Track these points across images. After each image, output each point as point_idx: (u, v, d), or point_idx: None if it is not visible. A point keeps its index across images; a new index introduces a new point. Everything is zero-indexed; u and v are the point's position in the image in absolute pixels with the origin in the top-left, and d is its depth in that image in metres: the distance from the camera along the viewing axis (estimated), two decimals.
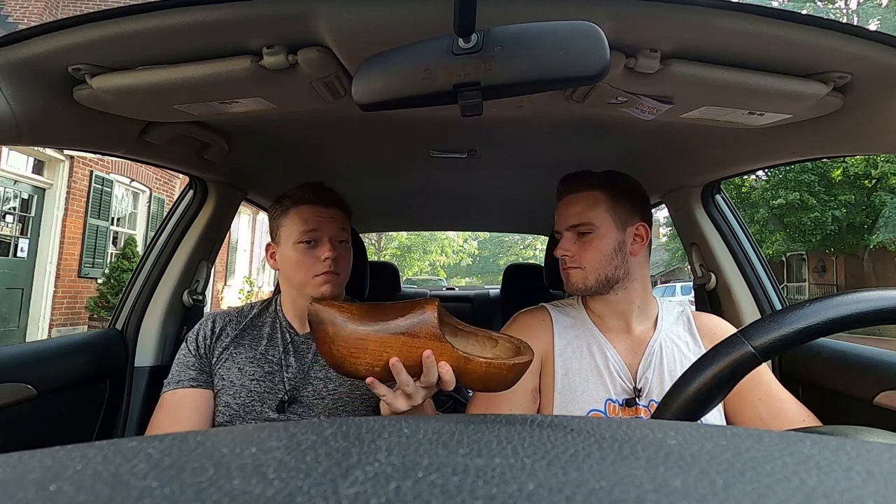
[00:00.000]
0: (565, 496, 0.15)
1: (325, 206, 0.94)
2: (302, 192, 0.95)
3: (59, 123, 0.75)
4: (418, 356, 0.64)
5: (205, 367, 0.93)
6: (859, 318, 0.39)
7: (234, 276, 10.80)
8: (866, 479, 0.17)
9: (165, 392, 0.91)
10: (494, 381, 0.66)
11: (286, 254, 0.93)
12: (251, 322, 0.98)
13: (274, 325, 0.98)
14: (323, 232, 0.92)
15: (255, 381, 0.90)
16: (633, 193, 0.89)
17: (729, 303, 1.26)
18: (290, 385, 0.90)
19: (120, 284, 6.10)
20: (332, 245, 0.92)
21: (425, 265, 19.46)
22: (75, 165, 6.30)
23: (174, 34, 0.61)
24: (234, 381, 0.90)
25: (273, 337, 0.96)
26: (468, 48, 0.43)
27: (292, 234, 0.92)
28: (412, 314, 0.66)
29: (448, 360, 0.64)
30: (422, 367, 0.64)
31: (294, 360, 0.93)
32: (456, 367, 0.64)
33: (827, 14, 13.33)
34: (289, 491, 0.15)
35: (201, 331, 0.96)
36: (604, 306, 0.89)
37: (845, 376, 0.94)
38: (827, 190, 12.57)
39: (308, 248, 0.92)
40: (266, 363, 0.92)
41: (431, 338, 0.64)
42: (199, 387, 0.91)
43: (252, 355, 0.93)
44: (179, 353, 0.95)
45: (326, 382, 0.92)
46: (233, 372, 0.91)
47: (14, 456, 0.18)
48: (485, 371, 0.65)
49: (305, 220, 0.92)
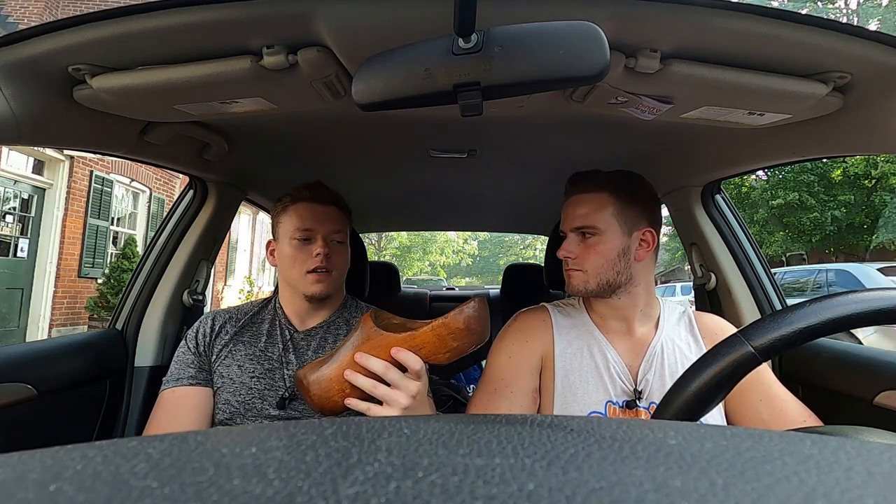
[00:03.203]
0: (565, 496, 0.15)
1: (321, 203, 0.96)
2: (300, 189, 0.97)
3: (59, 123, 0.75)
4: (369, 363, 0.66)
5: (204, 365, 0.93)
6: (859, 318, 0.39)
7: (234, 276, 10.80)
8: (866, 479, 0.17)
9: (164, 390, 0.91)
10: (450, 339, 0.66)
11: (283, 249, 0.96)
12: (250, 319, 0.99)
13: (273, 323, 0.98)
14: (317, 229, 0.94)
15: (255, 378, 0.90)
16: (642, 198, 0.86)
17: (729, 303, 1.26)
18: (291, 382, 0.90)
19: (120, 284, 6.10)
20: (326, 242, 0.94)
21: (425, 265, 19.46)
22: (75, 165, 6.30)
23: (174, 34, 0.61)
24: (234, 378, 0.90)
25: (272, 334, 0.97)
26: (468, 48, 0.43)
27: (289, 231, 0.95)
28: (352, 334, 0.71)
29: (396, 344, 0.66)
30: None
31: (294, 357, 0.94)
32: (407, 347, 0.66)
33: (827, 14, 13.33)
34: (289, 491, 0.15)
35: (200, 328, 0.96)
36: (606, 308, 0.88)
37: (845, 376, 0.94)
38: (827, 190, 12.58)
39: (302, 244, 0.94)
40: (266, 360, 0.93)
41: (370, 338, 0.68)
42: (199, 385, 0.91)
43: (252, 352, 0.93)
44: (179, 350, 0.95)
45: None
46: (232, 369, 0.91)
47: (14, 456, 0.18)
48: (435, 335, 0.66)
49: (301, 217, 0.94)
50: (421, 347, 0.66)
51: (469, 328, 0.66)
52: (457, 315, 0.66)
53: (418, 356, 0.66)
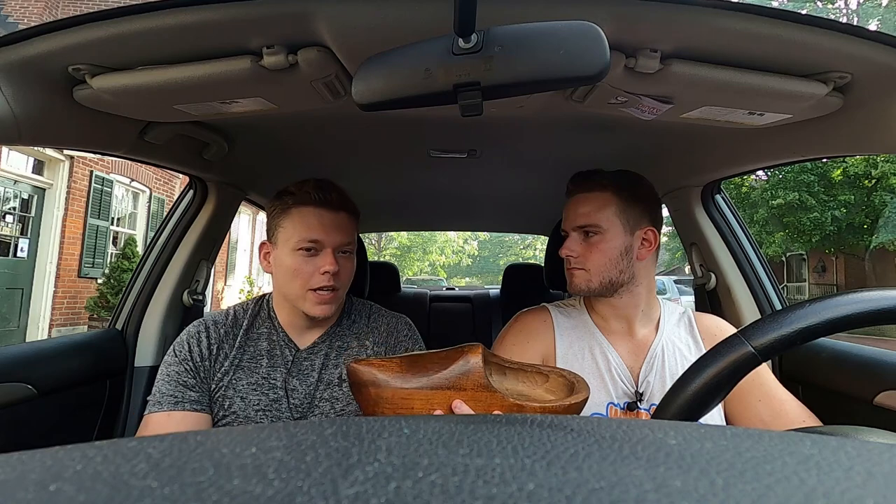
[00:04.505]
0: (565, 496, 0.15)
1: (331, 209, 0.84)
2: (307, 190, 0.84)
3: (59, 123, 0.75)
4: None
5: (205, 389, 0.84)
6: (859, 318, 0.39)
7: (235, 276, 10.80)
8: (866, 479, 0.17)
9: (157, 412, 0.80)
10: None
11: (282, 259, 0.84)
12: (246, 335, 0.89)
13: (271, 339, 0.89)
14: (327, 241, 0.82)
15: (260, 411, 0.83)
16: (644, 197, 0.87)
17: (729, 303, 1.26)
18: (298, 412, 0.84)
19: (120, 284, 6.10)
20: (335, 257, 0.83)
21: (425, 265, 19.46)
22: (75, 165, 6.30)
23: (174, 34, 0.61)
24: (238, 412, 0.82)
25: (273, 354, 0.87)
26: (468, 48, 0.43)
27: (291, 238, 0.83)
28: (455, 364, 0.61)
29: (499, 409, 0.59)
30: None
31: (298, 382, 0.86)
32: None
33: (827, 14, 13.32)
34: (289, 491, 0.15)
35: (195, 348, 0.85)
36: (607, 308, 0.88)
37: (845, 376, 0.94)
38: (827, 190, 12.57)
39: (307, 256, 0.82)
40: (270, 389, 0.84)
41: (478, 388, 0.60)
42: (203, 411, 0.82)
43: (254, 381, 0.84)
44: (168, 368, 0.84)
45: (333, 403, 0.86)
46: (235, 403, 0.83)
47: (14, 456, 0.18)
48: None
49: (308, 226, 0.82)
50: None
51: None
52: (570, 405, 0.62)
53: None
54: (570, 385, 0.67)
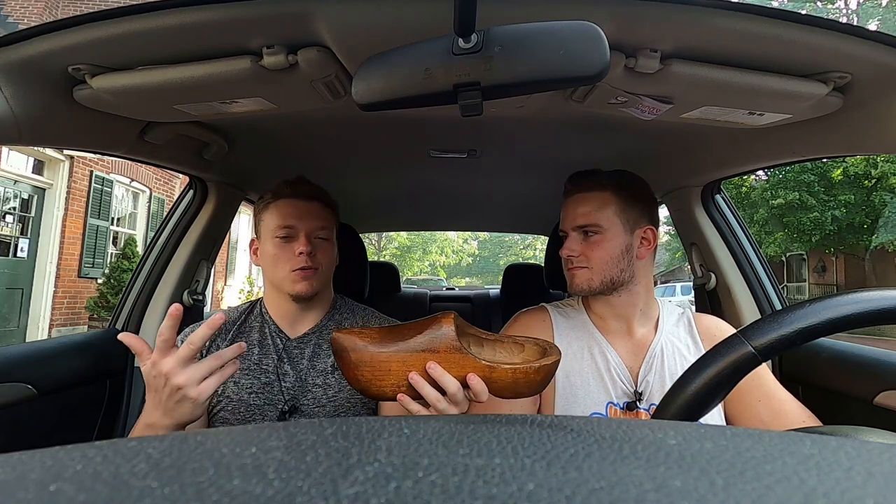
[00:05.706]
0: (565, 496, 0.15)
1: (303, 199, 0.93)
2: (281, 186, 0.94)
3: (59, 123, 0.75)
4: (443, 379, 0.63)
5: None
6: (859, 318, 0.39)
7: (235, 276, 10.80)
8: (866, 479, 0.17)
9: None
10: (523, 385, 0.65)
11: (265, 248, 0.92)
12: (238, 330, 0.94)
13: (263, 331, 0.94)
14: (300, 226, 0.91)
15: (252, 394, 0.87)
16: (642, 196, 0.88)
17: (729, 303, 1.26)
18: (290, 395, 0.88)
19: (120, 284, 6.11)
20: (309, 240, 0.90)
21: (425, 265, 19.47)
22: (75, 165, 6.30)
23: (174, 34, 0.61)
24: (232, 396, 0.86)
25: (264, 343, 0.93)
26: (468, 48, 0.43)
27: (270, 228, 0.91)
28: (429, 330, 0.66)
29: (472, 370, 0.63)
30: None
31: (289, 367, 0.90)
32: (482, 377, 0.63)
33: (827, 14, 13.31)
34: (289, 491, 0.15)
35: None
36: (606, 308, 0.88)
37: (845, 376, 0.94)
38: (827, 190, 12.57)
39: (284, 242, 0.90)
40: (262, 374, 0.89)
41: (451, 350, 0.64)
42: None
43: (246, 366, 0.89)
44: None
45: (325, 389, 0.89)
46: (228, 387, 0.87)
47: (14, 456, 0.18)
48: (512, 377, 0.64)
49: (283, 215, 0.91)
50: (494, 382, 0.64)
51: (543, 382, 0.65)
52: (540, 366, 0.64)
53: (486, 388, 0.64)
54: (543, 350, 0.70)
